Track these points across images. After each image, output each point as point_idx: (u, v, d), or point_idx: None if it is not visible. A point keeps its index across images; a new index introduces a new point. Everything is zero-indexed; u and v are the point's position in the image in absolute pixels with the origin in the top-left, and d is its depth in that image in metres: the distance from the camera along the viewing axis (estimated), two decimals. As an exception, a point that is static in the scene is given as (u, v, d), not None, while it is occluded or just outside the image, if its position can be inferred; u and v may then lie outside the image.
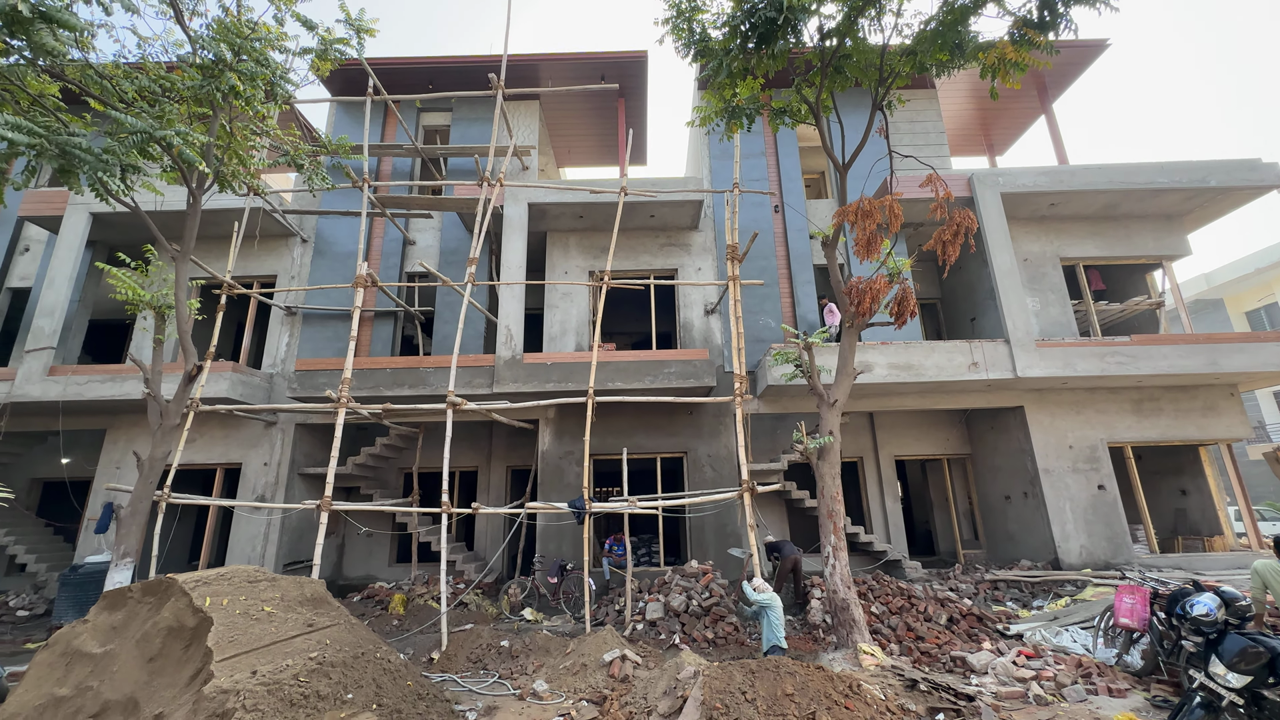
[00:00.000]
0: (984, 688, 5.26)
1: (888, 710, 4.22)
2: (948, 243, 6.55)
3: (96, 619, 4.65)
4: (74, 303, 10.71)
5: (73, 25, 4.76)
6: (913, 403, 10.56)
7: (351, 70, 11.62)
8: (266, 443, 10.35)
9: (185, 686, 3.94)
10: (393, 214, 11.36)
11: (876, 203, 6.57)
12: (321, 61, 7.09)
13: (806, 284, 11.33)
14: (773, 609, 5.79)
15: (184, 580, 4.59)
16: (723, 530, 9.86)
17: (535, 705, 5.14)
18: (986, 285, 10.69)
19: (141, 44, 6.36)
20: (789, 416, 10.96)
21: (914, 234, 11.71)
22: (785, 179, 12.20)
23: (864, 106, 12.13)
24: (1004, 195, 10.58)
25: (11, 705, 4.24)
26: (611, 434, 10.20)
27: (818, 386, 7.18)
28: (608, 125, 14.68)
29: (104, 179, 5.50)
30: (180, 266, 6.78)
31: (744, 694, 4.16)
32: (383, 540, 11.28)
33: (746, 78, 6.82)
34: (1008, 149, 16.00)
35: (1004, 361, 9.52)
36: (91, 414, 10.38)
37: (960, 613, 7.31)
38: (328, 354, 10.87)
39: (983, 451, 11.66)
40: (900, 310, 6.76)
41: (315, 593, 5.26)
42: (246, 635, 4.25)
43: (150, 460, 6.66)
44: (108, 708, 3.99)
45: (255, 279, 11.69)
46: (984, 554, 11.43)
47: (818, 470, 6.87)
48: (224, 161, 6.89)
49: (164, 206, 10.24)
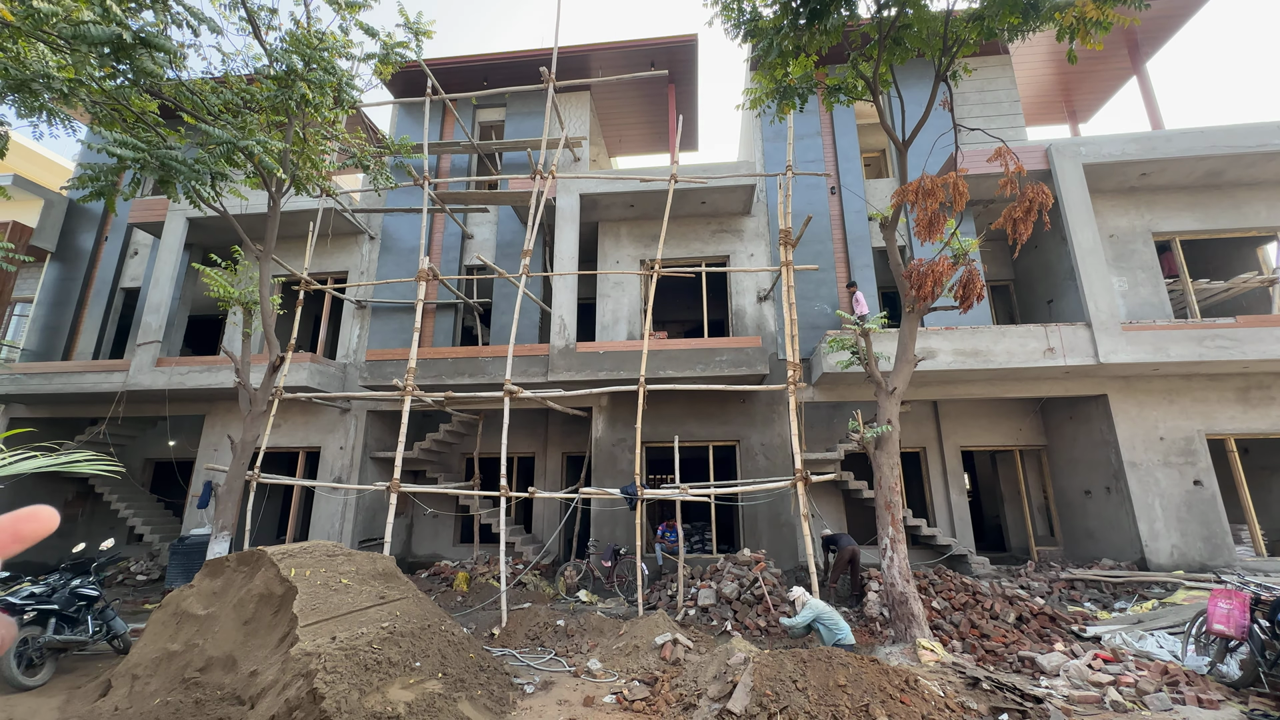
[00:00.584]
0: (1054, 690, 5.01)
1: (946, 707, 4.10)
2: (1019, 220, 6.15)
3: (200, 584, 5.18)
4: (175, 300, 11.79)
5: (167, 48, 5.21)
6: (981, 391, 10.01)
7: (411, 72, 12.09)
8: (342, 428, 11.08)
9: (275, 647, 4.34)
10: (451, 209, 11.80)
11: (939, 180, 6.25)
12: (384, 66, 7.43)
13: (865, 268, 10.92)
14: (822, 616, 5.65)
15: (272, 553, 5.03)
16: (776, 519, 9.76)
17: (589, 682, 5.33)
18: (1066, 265, 9.94)
19: (225, 60, 6.88)
20: (845, 405, 10.66)
21: (983, 212, 11.02)
22: (842, 159, 11.75)
23: (926, 79, 11.46)
24: (1087, 166, 9.76)
25: (134, 657, 4.81)
26: (664, 422, 10.27)
27: (875, 374, 6.96)
28: (658, 112, 14.58)
29: (197, 187, 6.03)
30: (263, 265, 7.35)
31: (794, 682, 4.15)
32: (447, 521, 11.88)
33: (799, 56, 6.61)
34: (1092, 115, 14.71)
35: (1084, 346, 8.86)
36: (192, 401, 11.45)
37: (1031, 612, 6.94)
38: (395, 345, 11.49)
39: (1060, 442, 10.92)
40: (966, 293, 6.42)
41: (386, 568, 5.64)
42: (326, 604, 4.63)
43: (242, 443, 7.30)
44: (211, 663, 4.46)
45: (329, 275, 12.47)
46: (1060, 551, 10.76)
47: (875, 460, 6.68)
48: (299, 166, 7.38)
49: (247, 210, 11.08)
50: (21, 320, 13.54)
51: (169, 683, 4.46)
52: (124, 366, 10.77)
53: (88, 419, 12.33)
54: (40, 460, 1.55)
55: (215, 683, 4.34)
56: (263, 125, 6.87)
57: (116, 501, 11.65)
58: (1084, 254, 9.38)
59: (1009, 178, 6.23)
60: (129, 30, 5.02)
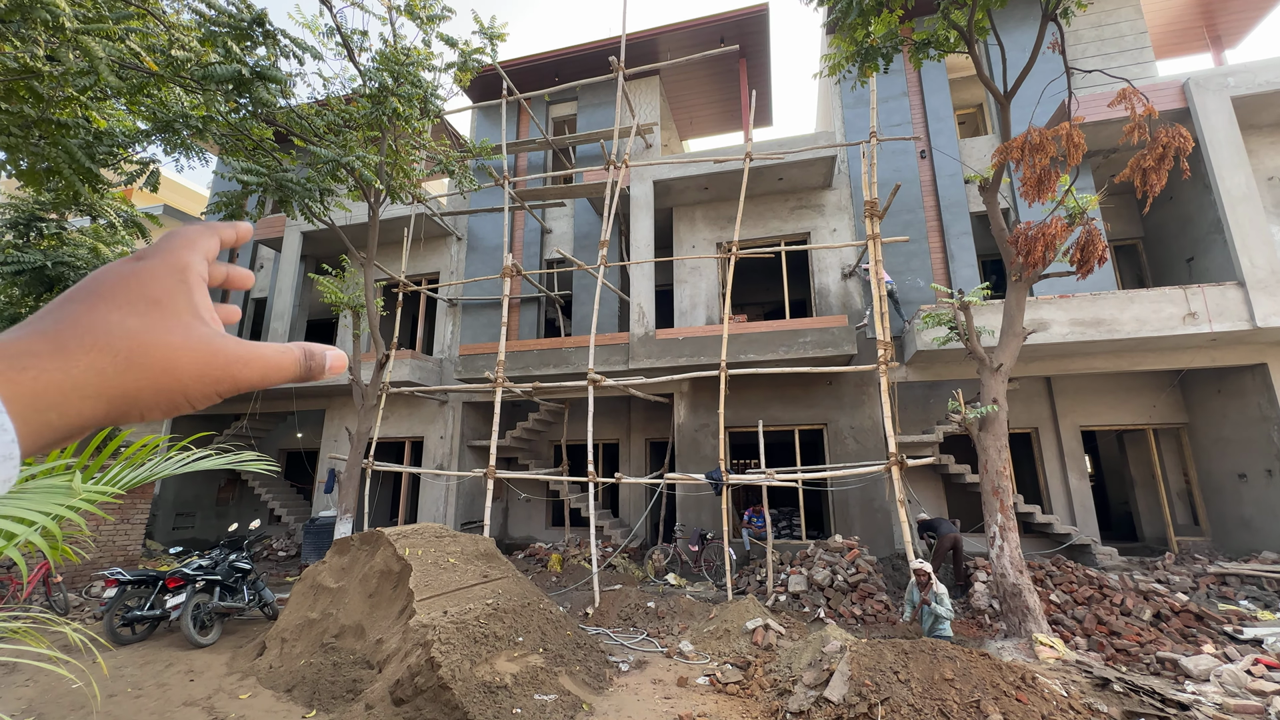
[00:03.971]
0: (1203, 696, 4.47)
1: (1070, 708, 3.78)
2: (1150, 170, 5.42)
3: (331, 561, 5.79)
4: (295, 307, 13.13)
5: (279, 79, 5.76)
6: (1104, 364, 9.00)
7: (486, 75, 12.56)
8: (441, 419, 11.90)
9: (396, 619, 4.77)
10: (530, 206, 12.21)
11: (1049, 133, 5.63)
12: (462, 73, 7.78)
13: (962, 235, 10.09)
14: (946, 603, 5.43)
15: (389, 533, 5.53)
16: (869, 505, 9.36)
17: (682, 663, 5.42)
18: (1210, 216, 8.66)
19: (326, 84, 7.50)
20: (943, 384, 9.97)
21: (1103, 164, 9.81)
22: (933, 120, 10.87)
23: (1031, 21, 10.32)
24: (1236, 100, 8.40)
25: (282, 622, 5.48)
26: (746, 406, 10.13)
27: (978, 350, 6.45)
28: (729, 90, 14.20)
29: (309, 204, 6.65)
30: (367, 271, 8.00)
31: (896, 674, 3.99)
32: (539, 505, 12.46)
33: (881, 13, 6.18)
34: (1240, 41, 12.58)
35: (1236, 309, 7.70)
36: (314, 397, 12.74)
37: (1171, 609, 6.22)
38: (484, 339, 12.13)
39: (1205, 420, 9.59)
40: (1085, 257, 5.78)
41: (487, 549, 6.02)
42: (437, 581, 5.02)
43: (357, 434, 8.05)
44: (344, 631, 4.99)
45: (423, 276, 13.35)
46: (1207, 542, 9.50)
47: (979, 443, 6.22)
48: (393, 176, 7.92)
49: (351, 221, 12.08)
50: (177, 331, 15.64)
51: (311, 646, 5.05)
52: (258, 368, 12.18)
53: (232, 415, 14.08)
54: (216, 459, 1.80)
55: (348, 648, 4.87)
56: (360, 141, 7.45)
57: (259, 488, 13.26)
58: (1234, 202, 8.11)
59: (1136, 122, 5.50)
60: (247, 66, 5.60)
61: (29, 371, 0.29)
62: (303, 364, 0.39)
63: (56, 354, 0.30)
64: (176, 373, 0.33)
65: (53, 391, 0.29)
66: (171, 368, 0.33)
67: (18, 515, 1.07)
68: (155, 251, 0.37)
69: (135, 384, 0.32)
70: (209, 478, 13.91)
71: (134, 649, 5.85)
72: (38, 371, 0.29)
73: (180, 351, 0.33)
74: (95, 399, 0.31)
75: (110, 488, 1.42)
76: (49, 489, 1.24)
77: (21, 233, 8.93)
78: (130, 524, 8.86)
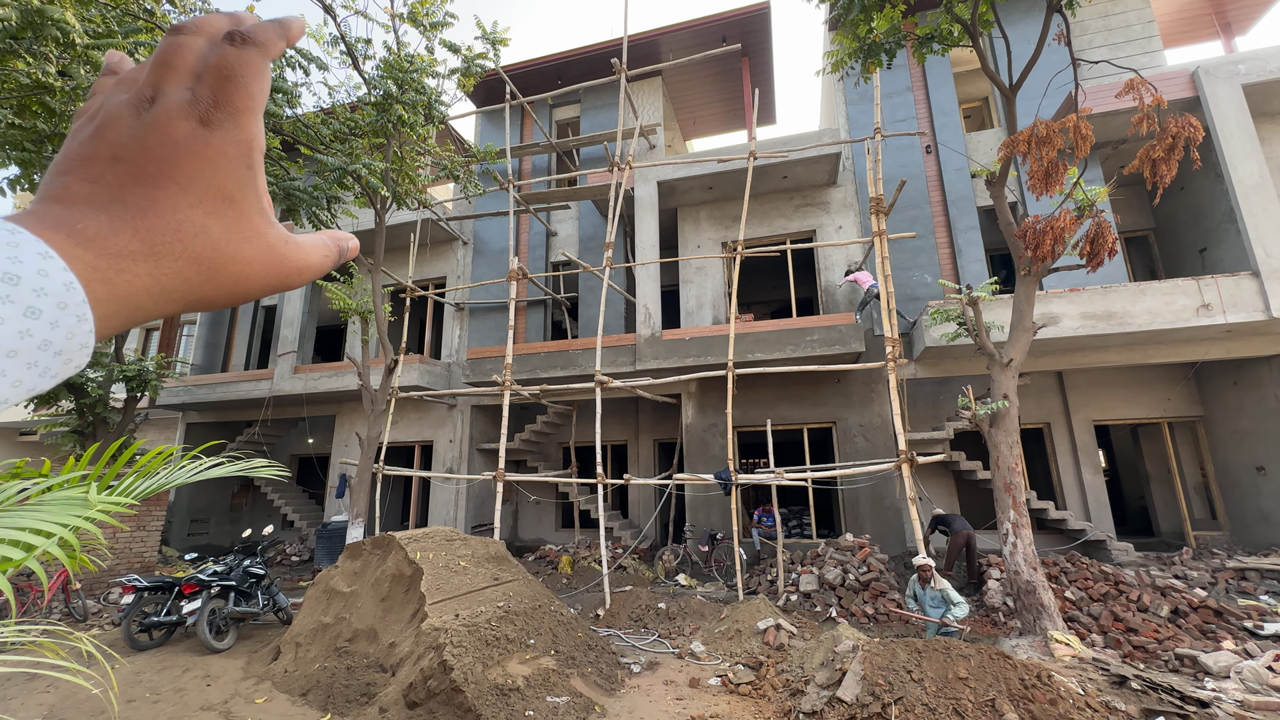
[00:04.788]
0: (1223, 693, 4.40)
1: (1087, 706, 3.74)
2: (1159, 160, 5.36)
3: (343, 565, 5.83)
4: (305, 314, 13.24)
5: (286, 90, 5.83)
6: (1116, 358, 8.89)
7: (489, 80, 12.61)
8: (450, 423, 11.95)
9: (408, 622, 4.80)
10: (535, 209, 12.24)
11: (1056, 125, 5.58)
12: (466, 78, 7.82)
13: (969, 230, 10.02)
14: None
15: (400, 537, 5.56)
16: (880, 503, 9.31)
17: (693, 664, 5.41)
18: (1223, 206, 8.55)
19: (331, 92, 7.56)
20: (953, 380, 9.89)
21: (1112, 155, 9.69)
22: (938, 114, 10.80)
23: (1035, 13, 10.23)
24: (1248, 87, 8.29)
25: (296, 626, 5.53)
26: (754, 405, 10.10)
27: (987, 346, 6.40)
28: (732, 89, 14.18)
29: (316, 211, 6.71)
30: (374, 277, 8.05)
31: (909, 673, 3.97)
32: (549, 507, 12.48)
33: (884, 8, 6.15)
34: (1250, 28, 12.40)
35: (1250, 300, 7.59)
36: (324, 403, 12.84)
37: (1190, 604, 6.13)
38: (492, 343, 12.17)
39: (1221, 412, 9.46)
40: (1094, 249, 5.72)
41: (498, 552, 6.05)
42: (448, 584, 5.05)
43: (367, 439, 8.10)
44: (357, 635, 5.03)
45: (430, 281, 13.42)
46: (1225, 537, 9.36)
47: (990, 439, 6.17)
48: (398, 182, 7.98)
49: (357, 227, 12.16)
50: (189, 340, 15.83)
51: (325, 650, 5.09)
52: (269, 375, 12.29)
53: (244, 422, 14.23)
54: (228, 466, 1.83)
55: (362, 651, 4.90)
56: (366, 149, 7.50)
57: (272, 493, 13.38)
58: (1247, 191, 8.00)
59: (1145, 113, 5.44)
60: (253, 77, 5.67)
61: (125, 274, 0.29)
62: (335, 254, 0.40)
63: (149, 258, 0.30)
64: (248, 284, 0.34)
65: (141, 295, 0.30)
66: (245, 279, 0.34)
67: (36, 527, 1.09)
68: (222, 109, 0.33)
69: (213, 292, 0.33)
70: (222, 484, 14.06)
71: (151, 655, 5.92)
72: (132, 275, 0.29)
73: (254, 265, 0.34)
74: (175, 303, 0.32)
75: (125, 498, 1.44)
76: (66, 500, 1.27)
77: (36, 245, 9.05)
78: (146, 531, 8.97)
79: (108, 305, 0.28)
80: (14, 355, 0.25)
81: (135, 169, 0.31)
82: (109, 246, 0.29)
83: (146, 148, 0.32)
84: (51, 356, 0.27)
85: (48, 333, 0.26)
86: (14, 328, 0.25)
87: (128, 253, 0.29)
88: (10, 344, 0.25)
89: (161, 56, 0.34)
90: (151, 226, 0.30)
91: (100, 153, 0.32)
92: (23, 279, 0.25)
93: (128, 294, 0.29)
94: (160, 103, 0.33)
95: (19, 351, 0.25)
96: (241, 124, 0.34)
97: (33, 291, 0.26)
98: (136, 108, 0.33)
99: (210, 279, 0.32)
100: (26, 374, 0.26)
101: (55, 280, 0.26)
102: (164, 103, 0.33)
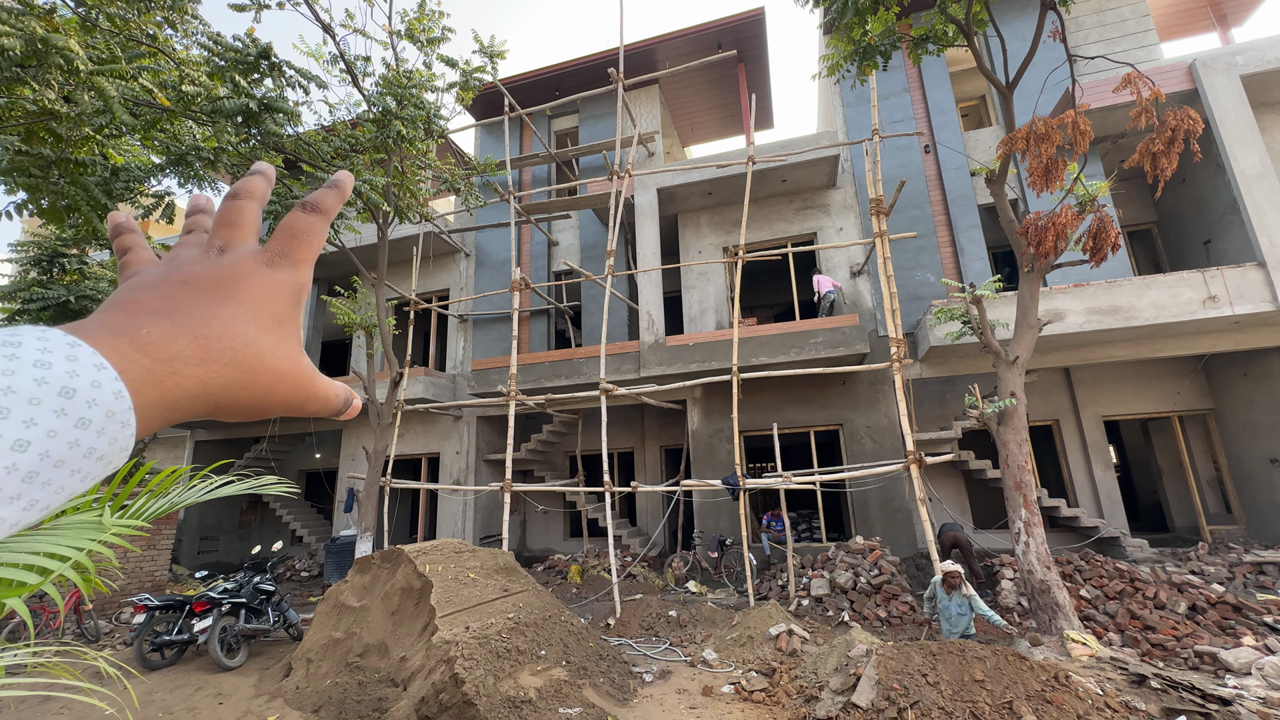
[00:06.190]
0: (1245, 690, 4.34)
1: (1106, 707, 3.69)
2: (1160, 154, 5.35)
3: (353, 579, 5.83)
4: (311, 330, 13.32)
5: (286, 110, 5.89)
6: (1123, 352, 8.84)
7: (488, 93, 12.72)
8: (456, 434, 11.97)
9: (419, 636, 4.79)
10: (536, 219, 12.30)
11: (1054, 122, 5.58)
12: (464, 92, 7.89)
13: (970, 229, 10.00)
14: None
15: (409, 551, 5.56)
16: (889, 504, 9.25)
17: (706, 672, 5.37)
18: (1225, 197, 8.51)
19: (331, 110, 7.64)
20: (959, 379, 9.85)
21: (1112, 149, 9.68)
22: (935, 114, 10.82)
23: (1029, 10, 10.25)
24: (1246, 78, 8.27)
25: (307, 642, 5.53)
26: (760, 409, 10.07)
27: (992, 343, 6.37)
28: (729, 95, 14.25)
29: (319, 228, 6.76)
30: (378, 291, 8.10)
31: (924, 676, 3.93)
32: (556, 517, 12.46)
33: (878, 10, 6.17)
34: (1246, 19, 12.39)
35: (1257, 290, 7.54)
36: (331, 417, 12.87)
37: (1207, 600, 6.05)
38: (496, 353, 12.20)
39: (1232, 405, 9.37)
40: (1097, 244, 5.70)
41: (507, 562, 6.03)
42: (458, 596, 5.04)
43: (374, 453, 8.12)
44: (368, 649, 5.02)
45: (433, 293, 13.48)
46: (1241, 530, 9.25)
47: (999, 437, 6.13)
48: (400, 197, 8.04)
49: (360, 242, 12.24)
50: (196, 358, 15.92)
51: (336, 666, 5.08)
52: (275, 391, 12.33)
53: (252, 439, 14.28)
54: (238, 485, 1.84)
55: (373, 666, 4.89)
56: (367, 164, 7.57)
57: (280, 509, 13.40)
58: (1249, 181, 7.97)
59: (1143, 106, 5.44)
60: (255, 99, 5.74)
61: (176, 377, 0.31)
62: (343, 402, 0.44)
63: (200, 363, 0.32)
64: (275, 396, 0.36)
65: (185, 397, 0.31)
66: (273, 391, 0.36)
67: (51, 551, 1.09)
68: (286, 258, 0.39)
69: (245, 399, 0.35)
70: (231, 502, 14.10)
71: (164, 674, 5.92)
72: (182, 378, 0.31)
73: (286, 379, 0.37)
74: (210, 405, 0.33)
75: (137, 520, 1.45)
76: (80, 524, 1.28)
77: (45, 269, 9.18)
78: (157, 550, 9.00)
79: (154, 408, 0.30)
80: (61, 465, 0.26)
81: (203, 290, 0.35)
82: (167, 350, 0.31)
83: (216, 277, 0.36)
84: (94, 462, 0.28)
85: (94, 440, 0.27)
86: (65, 439, 0.26)
87: (183, 357, 0.31)
88: (60, 454, 0.26)
89: (225, 216, 0.39)
90: (210, 334, 0.33)
91: (171, 278, 0.35)
92: (78, 392, 0.27)
93: (174, 396, 0.31)
94: (231, 252, 0.37)
95: (66, 461, 0.27)
96: (299, 270, 0.39)
97: (85, 403, 0.27)
98: (207, 253, 0.37)
99: (247, 385, 0.34)
100: (69, 480, 0.27)
101: (107, 390, 0.28)
102: (238, 251, 0.37)
